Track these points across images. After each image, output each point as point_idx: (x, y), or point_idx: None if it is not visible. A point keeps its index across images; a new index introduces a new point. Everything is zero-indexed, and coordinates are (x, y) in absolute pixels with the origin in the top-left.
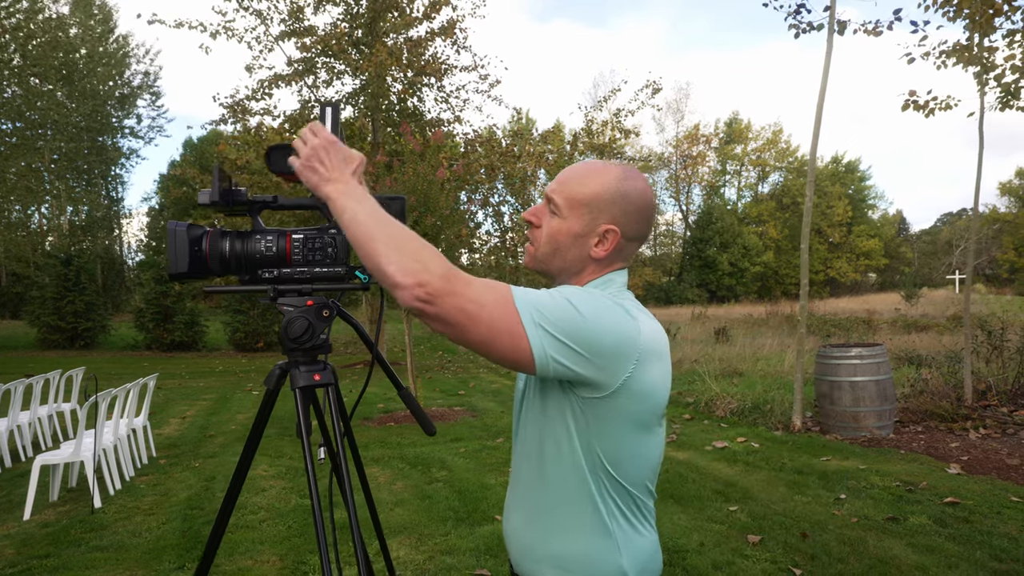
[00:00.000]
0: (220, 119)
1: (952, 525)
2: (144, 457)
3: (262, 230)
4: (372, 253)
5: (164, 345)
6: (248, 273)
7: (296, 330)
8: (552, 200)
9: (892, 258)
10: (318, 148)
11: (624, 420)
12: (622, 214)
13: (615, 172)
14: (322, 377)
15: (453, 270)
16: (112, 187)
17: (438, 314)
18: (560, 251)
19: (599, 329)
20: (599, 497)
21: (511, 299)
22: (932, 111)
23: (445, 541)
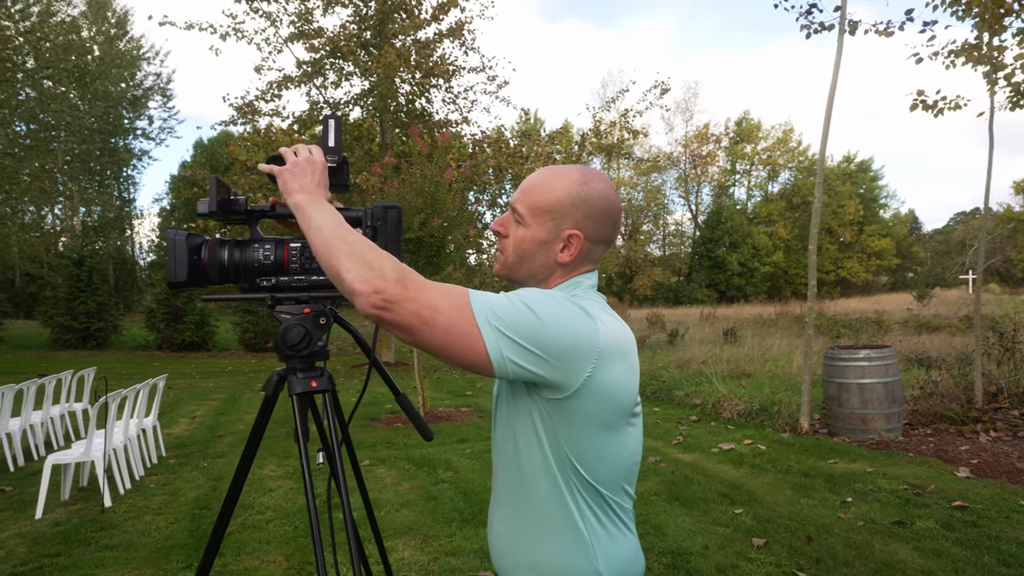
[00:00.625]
0: (230, 120)
1: (960, 529)
2: (154, 457)
3: (260, 239)
4: (332, 261)
5: (175, 345)
6: (247, 281)
7: (293, 337)
8: (516, 209)
9: (904, 258)
10: (313, 163)
11: (589, 420)
12: (585, 218)
13: (574, 176)
14: (319, 384)
15: (408, 275)
16: (124, 188)
17: (394, 320)
18: (526, 259)
19: (555, 331)
20: (572, 501)
21: (467, 302)
22: (941, 111)
23: (450, 542)
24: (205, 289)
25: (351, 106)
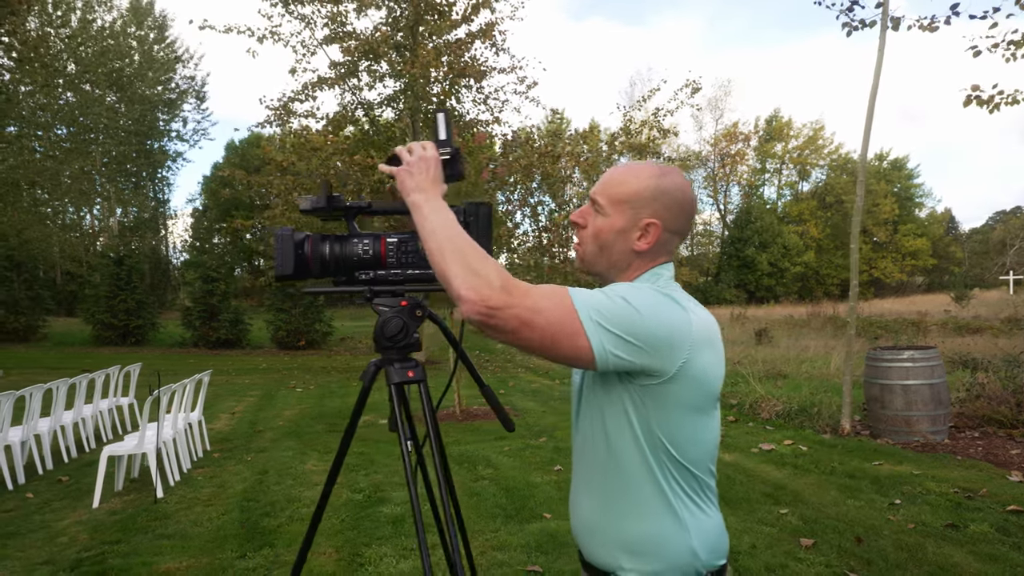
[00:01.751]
0: (266, 120)
1: (1016, 534)
2: (199, 451)
3: (359, 234)
4: (442, 265)
5: (210, 342)
6: (344, 275)
7: (392, 329)
8: (596, 200)
9: (940, 258)
10: (426, 160)
11: (681, 404)
12: (662, 208)
13: (653, 170)
14: (415, 374)
15: (512, 282)
16: (159, 189)
17: (499, 325)
18: (606, 248)
19: (653, 322)
20: (664, 480)
21: (569, 303)
22: (997, 106)
23: (495, 537)
24: (306, 282)
25: (383, 107)
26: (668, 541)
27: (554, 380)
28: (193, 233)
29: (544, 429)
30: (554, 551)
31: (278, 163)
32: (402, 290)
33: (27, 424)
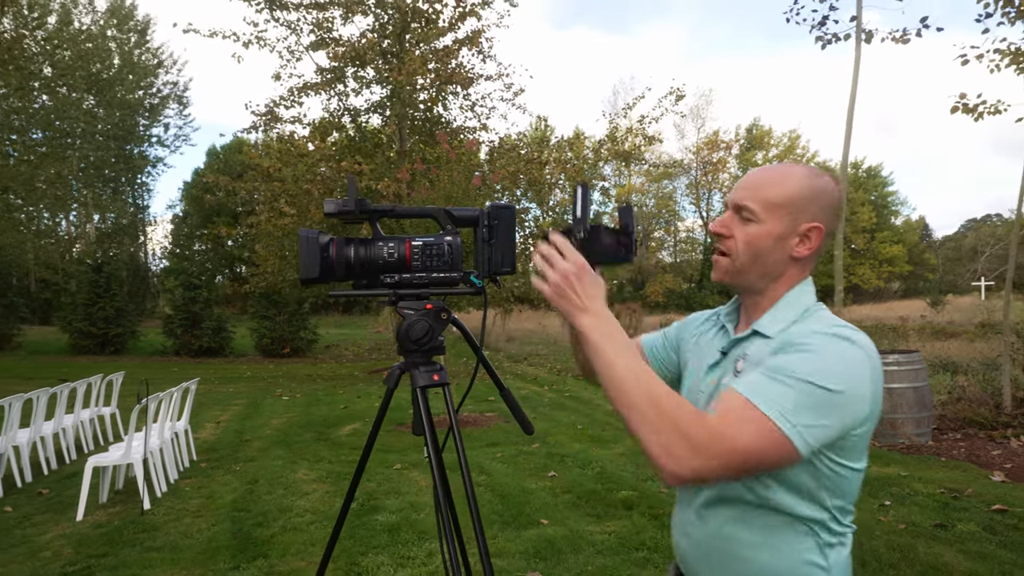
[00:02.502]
0: (252, 126)
1: (1003, 532)
2: (186, 461)
3: (383, 237)
4: (629, 417)
5: (192, 351)
6: (368, 278)
7: (417, 332)
8: (745, 207)
9: (916, 264)
10: (569, 274)
11: (860, 444)
12: (821, 210)
13: (805, 171)
14: (440, 377)
15: (709, 435)
16: (138, 195)
17: (707, 481)
18: (761, 257)
19: (853, 398)
20: (815, 515)
21: (766, 420)
22: (981, 115)
23: (493, 544)
24: (330, 285)
25: (370, 113)
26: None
27: (543, 387)
28: (173, 240)
29: (536, 435)
30: (552, 557)
31: (263, 169)
32: (427, 293)
33: (5, 435)
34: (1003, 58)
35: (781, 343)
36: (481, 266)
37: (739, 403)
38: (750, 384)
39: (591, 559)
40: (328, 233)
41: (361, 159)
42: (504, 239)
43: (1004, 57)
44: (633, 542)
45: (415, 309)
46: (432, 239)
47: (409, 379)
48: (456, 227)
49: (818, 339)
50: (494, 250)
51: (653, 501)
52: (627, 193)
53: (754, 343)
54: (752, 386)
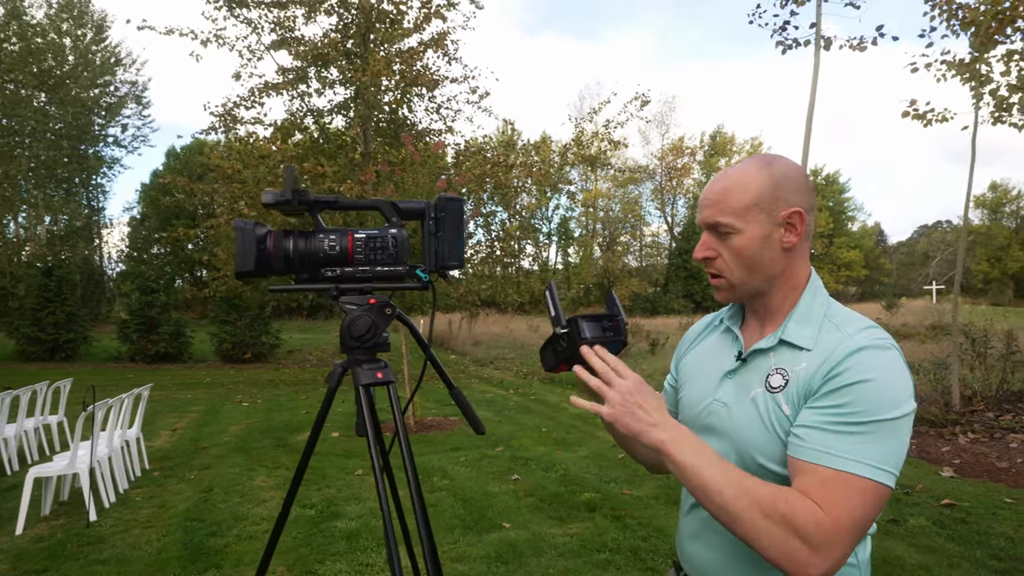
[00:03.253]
0: (210, 127)
1: (951, 526)
2: (137, 469)
3: (325, 229)
4: (735, 529)
5: (148, 356)
6: (309, 272)
7: (360, 328)
8: (719, 223)
9: (871, 269)
10: (632, 392)
11: None
12: (793, 193)
13: (757, 164)
14: (384, 375)
15: (827, 533)
16: (93, 196)
17: (839, 566)
18: (755, 263)
19: (910, 407)
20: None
21: (867, 483)
22: (929, 122)
23: (454, 549)
24: (268, 280)
25: (333, 115)
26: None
27: (508, 390)
28: (131, 243)
29: (500, 439)
30: (514, 560)
31: (223, 170)
32: (370, 288)
33: None
34: (949, 69)
35: (827, 367)
36: (428, 260)
37: (832, 478)
38: (824, 447)
39: (552, 562)
40: (267, 225)
41: (324, 161)
42: (452, 232)
43: (950, 68)
44: (595, 544)
45: (358, 304)
46: (376, 232)
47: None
48: (402, 220)
49: (866, 359)
50: (441, 243)
51: (616, 503)
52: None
53: (785, 354)
54: (830, 450)
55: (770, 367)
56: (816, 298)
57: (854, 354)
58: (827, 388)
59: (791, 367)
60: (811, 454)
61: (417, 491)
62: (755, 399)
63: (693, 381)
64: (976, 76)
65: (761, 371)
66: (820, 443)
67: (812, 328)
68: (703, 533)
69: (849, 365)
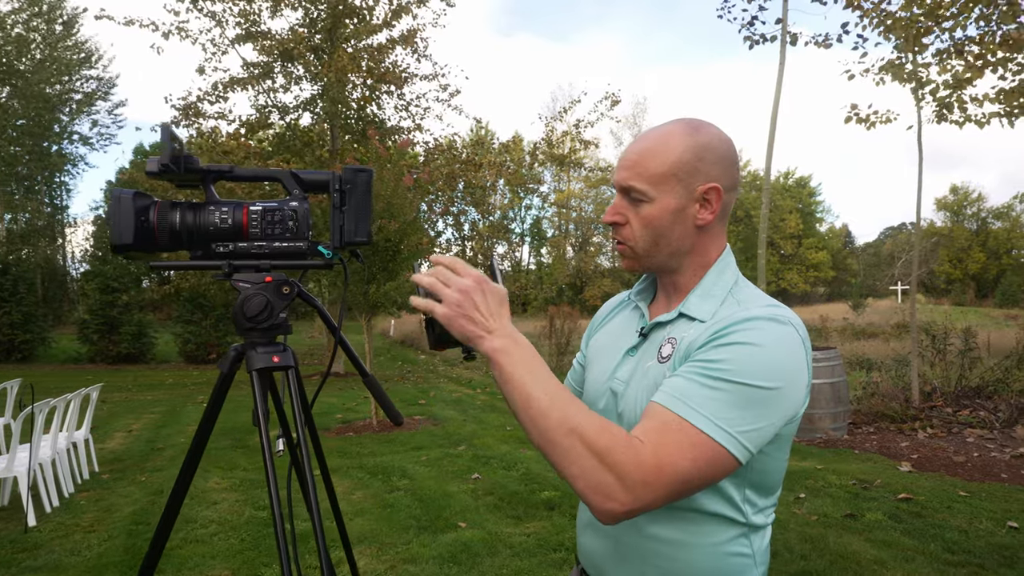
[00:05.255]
0: (172, 121)
1: (906, 520)
2: (85, 472)
3: (216, 201)
4: (551, 454)
5: (110, 357)
6: (201, 248)
7: (253, 308)
8: (632, 188)
9: (839, 270)
10: (471, 291)
11: (781, 435)
12: (713, 166)
13: (684, 128)
14: (281, 359)
15: (646, 470)
16: (56, 194)
17: (646, 510)
18: (664, 235)
19: (792, 388)
20: (744, 504)
21: (703, 437)
22: (873, 124)
23: (407, 550)
24: (153, 256)
25: (300, 110)
26: (740, 564)
27: (475, 389)
28: (95, 242)
29: (464, 438)
30: (468, 561)
31: None
32: (268, 265)
33: None
34: (886, 73)
35: (714, 328)
36: (333, 235)
37: (672, 423)
38: (679, 393)
39: (507, 561)
40: (152, 195)
41: (290, 158)
42: (359, 206)
43: (887, 72)
44: (552, 543)
45: (252, 282)
46: (275, 204)
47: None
48: (305, 192)
49: (755, 327)
50: (347, 218)
51: (575, 500)
52: (566, 198)
53: (680, 325)
54: (682, 397)
55: (665, 338)
56: (723, 275)
57: (746, 320)
58: (708, 345)
59: (680, 335)
60: (664, 397)
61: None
62: (647, 372)
63: (597, 360)
64: (913, 77)
65: (656, 344)
66: (677, 389)
67: (713, 303)
68: (594, 521)
69: (737, 328)
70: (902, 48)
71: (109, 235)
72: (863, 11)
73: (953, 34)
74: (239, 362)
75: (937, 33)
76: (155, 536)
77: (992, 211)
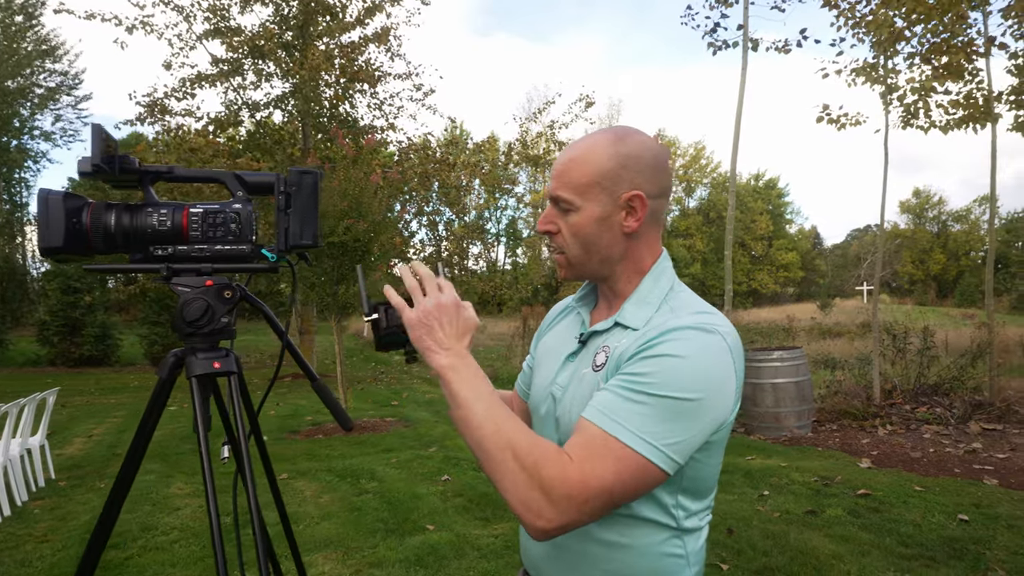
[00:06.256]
0: (137, 118)
1: (864, 515)
2: (40, 480)
3: (155, 203)
4: (487, 469)
5: (71, 360)
6: (139, 251)
7: (193, 312)
8: (560, 197)
9: (808, 270)
10: (446, 309)
11: (713, 441)
12: (637, 175)
13: (609, 138)
14: (223, 365)
15: (571, 487)
16: (15, 191)
17: (575, 526)
18: (592, 244)
19: (718, 398)
20: (677, 509)
21: (628, 451)
22: (843, 125)
23: (373, 553)
24: (88, 259)
25: (271, 108)
26: (672, 566)
27: None
28: None
29: (435, 439)
30: (434, 564)
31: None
32: (210, 268)
33: None
34: (858, 75)
35: (643, 340)
36: (278, 238)
37: (598, 438)
38: (606, 408)
39: (474, 563)
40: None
41: (260, 156)
42: (304, 208)
43: (859, 74)
44: (519, 545)
45: (192, 286)
46: (217, 206)
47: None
48: (249, 194)
49: (681, 337)
50: (292, 220)
51: None
52: (542, 199)
53: (615, 334)
54: (608, 412)
55: (600, 346)
56: (659, 282)
57: (673, 331)
58: (636, 357)
59: (614, 344)
60: (592, 412)
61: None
62: (582, 379)
63: (543, 364)
64: (883, 80)
65: (593, 351)
66: (604, 404)
67: (648, 310)
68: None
69: (663, 339)
70: (877, 48)
71: (36, 238)
72: (839, 10)
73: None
74: (179, 368)
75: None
76: (85, 555)
77: (952, 214)
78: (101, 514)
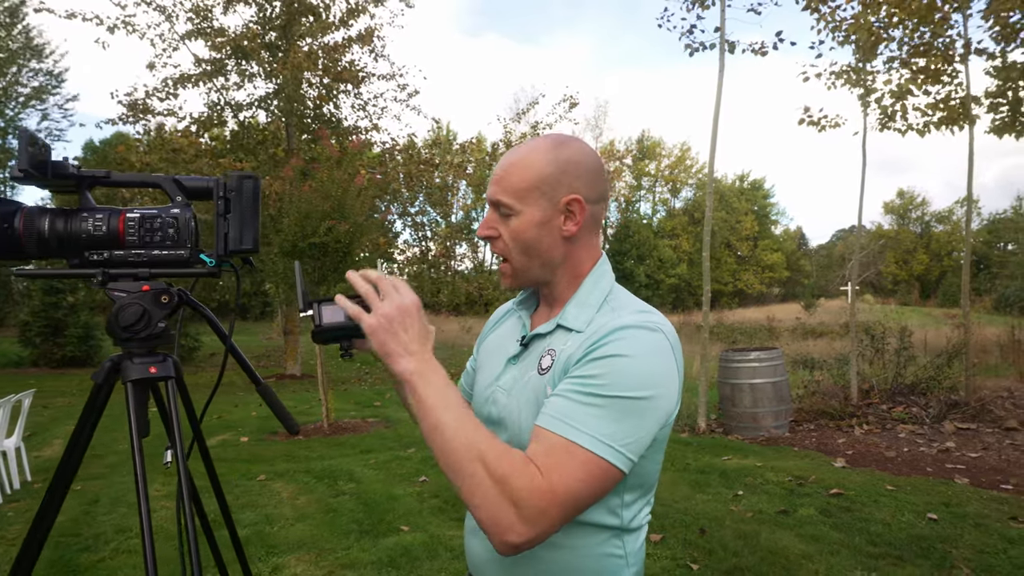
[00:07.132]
0: (119, 117)
1: (836, 515)
2: (16, 483)
3: (91, 208)
4: (454, 480)
5: (54, 361)
6: (75, 256)
7: (128, 317)
8: (500, 202)
9: (793, 271)
10: (408, 312)
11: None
12: (575, 179)
13: (548, 144)
14: (159, 370)
15: (540, 499)
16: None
17: (544, 537)
18: (532, 248)
19: (665, 394)
20: (623, 508)
21: (591, 456)
22: (824, 128)
23: (347, 555)
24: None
25: (254, 109)
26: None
27: None
28: None
29: (415, 440)
30: (407, 565)
31: (131, 164)
32: (147, 273)
33: None
34: (837, 78)
35: (589, 342)
36: (217, 243)
37: (558, 445)
38: (561, 414)
39: (447, 564)
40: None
41: (243, 156)
42: (244, 213)
43: (839, 77)
44: None
45: (128, 291)
46: (154, 211)
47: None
48: (188, 199)
49: (627, 336)
50: (231, 225)
51: None
52: None
53: (559, 336)
54: (564, 418)
55: (545, 349)
56: (599, 284)
57: (618, 331)
58: (584, 360)
59: (559, 347)
60: (548, 420)
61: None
62: (528, 382)
63: (486, 365)
64: (861, 83)
65: (537, 355)
66: (558, 410)
67: (589, 312)
68: (479, 528)
69: (609, 340)
70: (858, 52)
71: None
72: (820, 14)
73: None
74: (115, 373)
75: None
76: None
77: (935, 215)
78: (31, 526)
